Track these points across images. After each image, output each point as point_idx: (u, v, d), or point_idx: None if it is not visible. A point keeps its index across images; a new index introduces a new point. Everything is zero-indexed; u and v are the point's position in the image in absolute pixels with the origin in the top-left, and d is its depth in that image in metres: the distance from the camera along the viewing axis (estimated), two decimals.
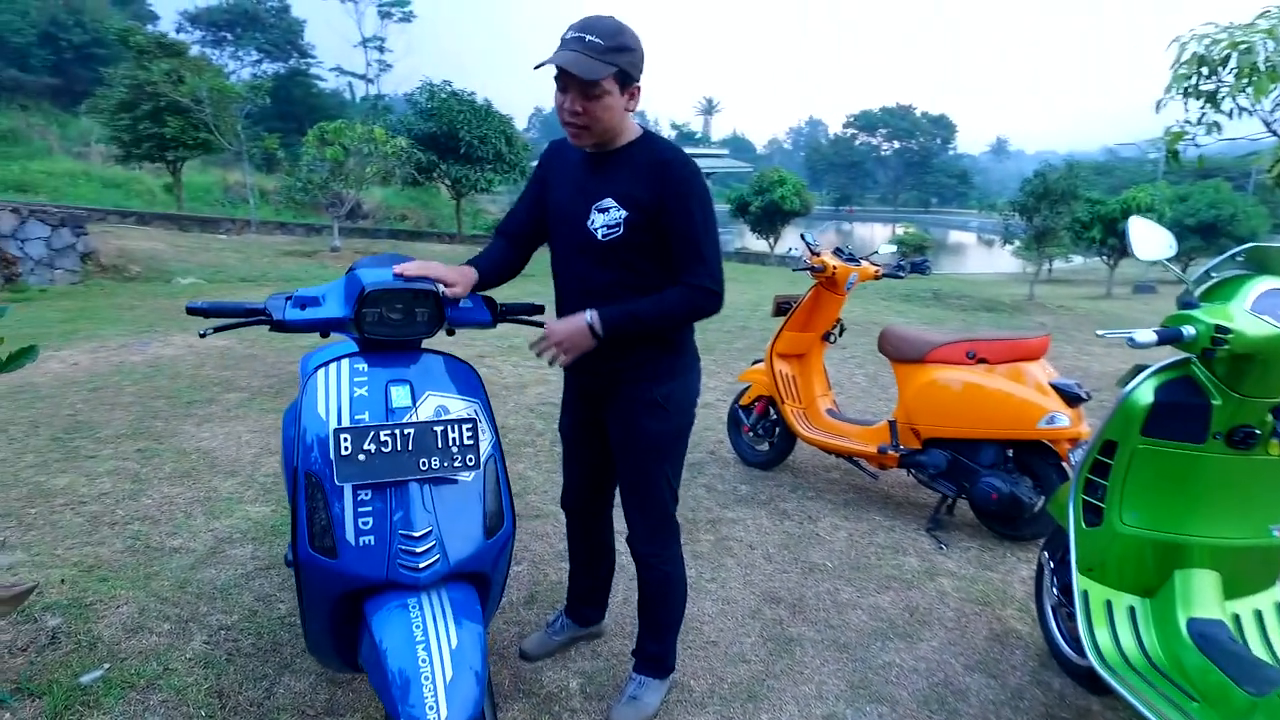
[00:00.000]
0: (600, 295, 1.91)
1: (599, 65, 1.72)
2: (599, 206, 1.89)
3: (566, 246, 1.99)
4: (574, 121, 1.80)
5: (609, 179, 1.89)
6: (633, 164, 1.87)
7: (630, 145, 1.90)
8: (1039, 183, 15.03)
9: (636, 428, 2.03)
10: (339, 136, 13.43)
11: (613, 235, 1.88)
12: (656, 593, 2.19)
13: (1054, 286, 22.91)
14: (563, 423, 2.31)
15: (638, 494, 2.11)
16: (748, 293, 12.64)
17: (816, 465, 4.35)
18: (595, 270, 1.93)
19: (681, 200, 1.85)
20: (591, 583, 2.48)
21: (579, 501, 2.36)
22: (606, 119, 1.80)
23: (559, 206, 2.00)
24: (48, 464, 3.88)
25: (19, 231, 9.24)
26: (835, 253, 3.95)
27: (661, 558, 2.15)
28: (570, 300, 2.00)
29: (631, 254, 1.89)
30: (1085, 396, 3.19)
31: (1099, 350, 8.86)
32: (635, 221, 1.86)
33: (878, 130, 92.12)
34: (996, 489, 3.25)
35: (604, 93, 1.76)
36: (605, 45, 1.73)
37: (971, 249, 52.79)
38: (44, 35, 33.97)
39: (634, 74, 1.80)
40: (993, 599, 2.94)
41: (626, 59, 1.76)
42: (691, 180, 1.86)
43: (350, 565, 1.56)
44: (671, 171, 1.85)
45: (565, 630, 2.50)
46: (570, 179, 1.98)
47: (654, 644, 2.24)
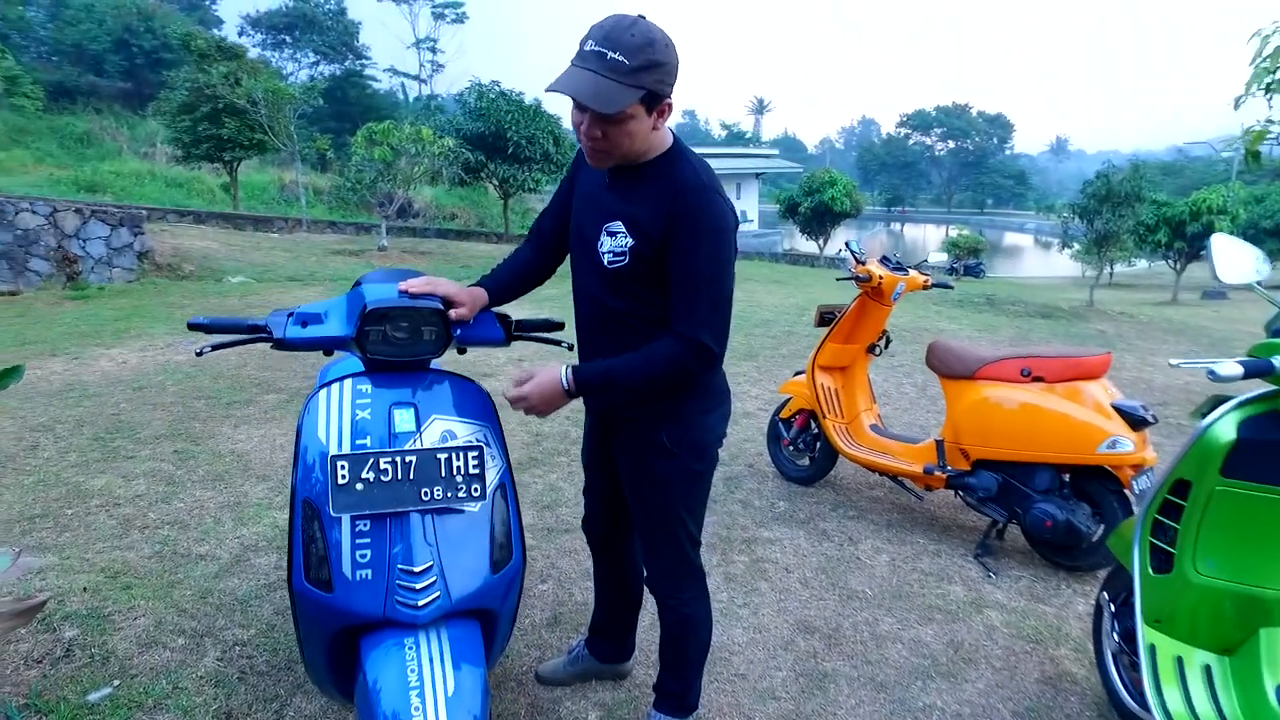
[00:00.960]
0: (612, 323, 1.75)
1: (620, 93, 1.45)
2: (609, 229, 1.68)
3: (580, 267, 1.82)
4: (593, 146, 1.57)
5: (624, 198, 1.67)
6: (651, 184, 1.63)
7: (655, 161, 1.65)
8: (1101, 184, 14.40)
9: (645, 471, 1.85)
10: (387, 137, 13.59)
11: (618, 264, 1.67)
12: (676, 632, 2.02)
13: (1115, 291, 22.05)
14: (583, 448, 2.19)
15: (650, 537, 1.94)
16: (794, 296, 12.41)
17: (859, 482, 4.17)
18: (607, 297, 1.74)
19: (689, 234, 1.58)
20: (611, 615, 2.33)
21: (599, 530, 2.23)
22: (628, 144, 1.56)
23: (577, 224, 1.82)
24: (88, 464, 3.93)
25: (81, 231, 9.53)
26: (882, 261, 3.77)
27: (680, 600, 1.98)
28: (583, 324, 1.86)
29: (639, 286, 1.68)
30: (1151, 419, 2.96)
31: (1163, 361, 8.42)
32: (641, 252, 1.63)
33: (932, 130, 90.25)
34: (1051, 516, 3.04)
35: (627, 118, 1.51)
36: (630, 65, 1.45)
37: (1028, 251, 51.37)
38: (118, 41, 35.44)
39: (664, 91, 1.52)
40: (1045, 637, 2.74)
41: (655, 78, 1.48)
42: (704, 211, 1.58)
43: (346, 600, 1.47)
44: (684, 199, 1.58)
45: (581, 662, 2.37)
46: (591, 191, 1.78)
47: (674, 682, 2.08)
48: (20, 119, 26.69)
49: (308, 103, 17.79)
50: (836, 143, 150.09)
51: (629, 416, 1.83)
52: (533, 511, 3.62)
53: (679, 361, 1.62)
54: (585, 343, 1.88)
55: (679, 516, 1.88)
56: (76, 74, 34.76)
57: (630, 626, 2.36)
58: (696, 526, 1.94)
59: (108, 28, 35.63)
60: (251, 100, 16.46)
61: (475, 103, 19.62)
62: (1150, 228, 18.64)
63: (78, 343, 6.51)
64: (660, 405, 1.77)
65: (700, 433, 1.82)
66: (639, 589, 2.29)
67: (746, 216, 39.81)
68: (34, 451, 4.07)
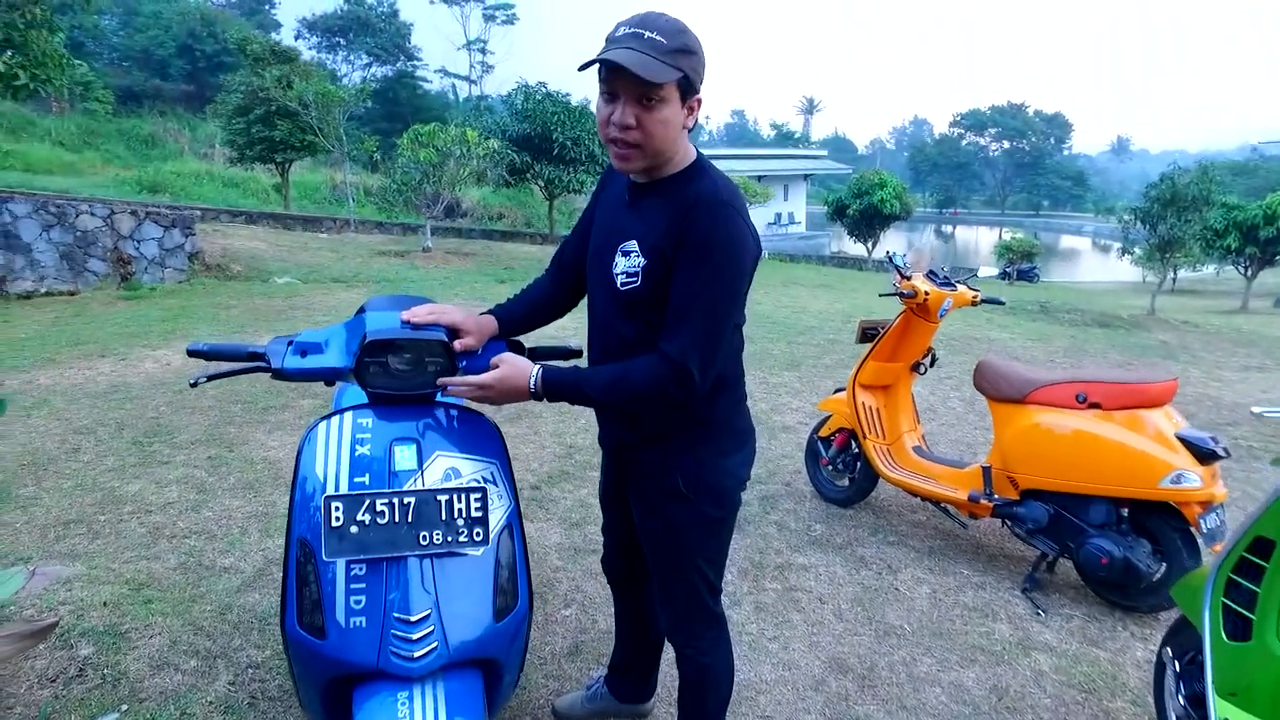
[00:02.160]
0: (625, 352, 1.62)
1: (663, 67, 1.39)
2: (623, 249, 1.58)
3: (595, 292, 1.72)
4: (623, 137, 1.46)
5: (641, 216, 1.57)
6: (668, 200, 1.53)
7: (675, 176, 1.56)
8: (1166, 188, 13.79)
9: (658, 517, 1.72)
10: (432, 139, 13.69)
11: (630, 286, 1.56)
12: (694, 682, 1.89)
13: (1178, 298, 21.17)
14: (600, 485, 2.08)
15: (665, 585, 1.81)
16: (840, 302, 12.14)
17: (900, 505, 3.99)
18: (618, 321, 1.63)
19: (697, 249, 1.47)
20: (633, 654, 2.22)
21: (618, 570, 2.13)
22: (661, 135, 1.46)
23: (594, 246, 1.72)
24: (125, 468, 3.97)
25: (136, 232, 9.78)
26: (929, 276, 3.58)
27: (697, 649, 1.84)
28: (596, 354, 1.74)
29: (651, 311, 1.56)
30: (1222, 453, 2.73)
31: (1232, 375, 7.98)
32: (654, 273, 1.53)
33: (986, 130, 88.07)
34: (1107, 553, 2.84)
35: (663, 100, 1.43)
36: (668, 45, 1.40)
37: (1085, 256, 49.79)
38: (182, 46, 36.77)
39: (696, 83, 1.47)
40: (1099, 685, 2.54)
41: (690, 63, 1.44)
42: (718, 227, 1.48)
43: (338, 649, 1.39)
44: (698, 213, 1.47)
45: (600, 700, 2.26)
46: (610, 211, 1.69)
47: None
48: (92, 122, 27.81)
49: (357, 104, 18.08)
50: (887, 143, 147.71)
51: (642, 458, 1.72)
52: (560, 529, 3.53)
53: (657, 382, 1.51)
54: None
55: (695, 565, 1.75)
56: (143, 78, 36.12)
57: (652, 665, 2.25)
58: (716, 574, 1.81)
59: (173, 33, 36.98)
60: (303, 103, 16.77)
61: (522, 104, 19.70)
62: (1219, 232, 17.81)
63: (126, 343, 6.65)
64: (674, 446, 1.66)
65: (718, 477, 1.69)
66: (660, 633, 2.17)
67: (794, 218, 39.39)
68: (75, 454, 4.13)
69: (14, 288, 8.71)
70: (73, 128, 26.64)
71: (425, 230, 15.27)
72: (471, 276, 12.64)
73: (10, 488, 3.67)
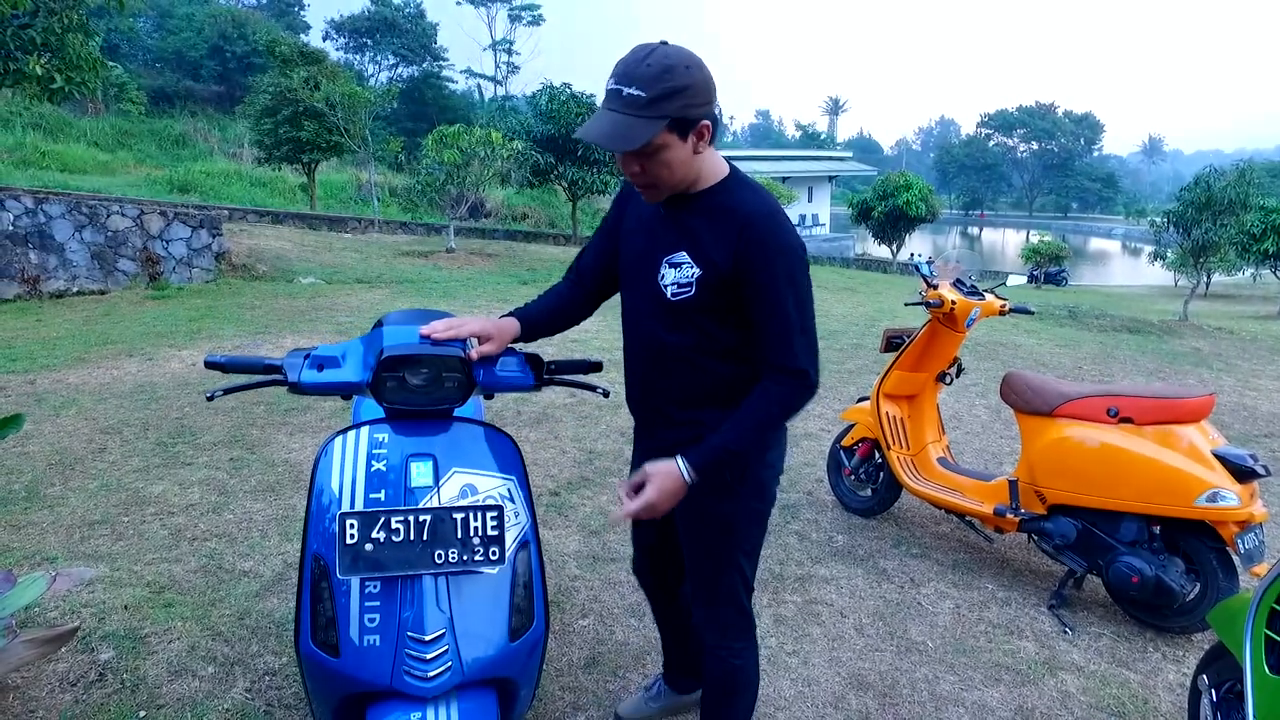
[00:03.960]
0: (672, 359, 1.66)
1: (641, 126, 1.42)
2: (670, 260, 1.61)
3: (635, 303, 1.73)
4: (637, 181, 1.55)
5: (685, 229, 1.60)
6: (713, 213, 1.57)
7: (711, 191, 1.59)
8: (1200, 190, 13.45)
9: (704, 510, 1.75)
10: (456, 140, 13.75)
11: (683, 295, 1.59)
12: (722, 686, 1.91)
13: (1212, 303, 20.72)
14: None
15: (705, 583, 1.84)
16: (865, 305, 12.00)
17: (924, 516, 3.92)
18: (665, 333, 1.65)
19: (767, 272, 1.52)
20: (681, 649, 2.26)
21: (651, 579, 2.15)
22: (668, 174, 1.51)
23: (630, 256, 1.74)
24: (149, 469, 4.01)
25: (165, 233, 9.92)
26: (955, 285, 3.52)
27: (731, 649, 1.87)
28: (638, 362, 1.76)
29: (704, 318, 1.61)
30: (1262, 471, 2.65)
31: (1269, 384, 7.78)
32: (709, 281, 1.56)
33: (1014, 131, 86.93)
34: (1138, 571, 2.77)
35: (659, 148, 1.46)
36: (647, 97, 1.41)
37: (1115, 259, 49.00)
38: (213, 48, 37.35)
39: (694, 115, 1.46)
40: (1129, 709, 2.47)
41: (679, 104, 1.43)
42: (779, 243, 1.53)
43: (352, 667, 1.38)
44: (753, 231, 1.52)
45: (662, 697, 2.30)
46: (645, 225, 1.70)
47: None
48: (125, 123, 28.35)
49: (383, 105, 18.23)
50: (913, 144, 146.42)
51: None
52: (579, 537, 3.51)
53: (789, 400, 1.59)
54: (639, 381, 1.79)
55: (736, 561, 1.79)
56: (175, 80, 36.72)
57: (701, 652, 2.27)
58: (752, 570, 1.85)
59: (204, 35, 37.58)
60: (329, 103, 16.93)
61: (546, 105, 19.73)
62: (1256, 236, 17.39)
63: (153, 343, 6.74)
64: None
65: (760, 468, 1.74)
66: None
67: (819, 220, 39.13)
68: (101, 454, 4.19)
69: (47, 287, 8.87)
70: (107, 128, 27.14)
71: (449, 231, 15.36)
72: (495, 277, 12.69)
73: (39, 487, 3.73)
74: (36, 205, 8.94)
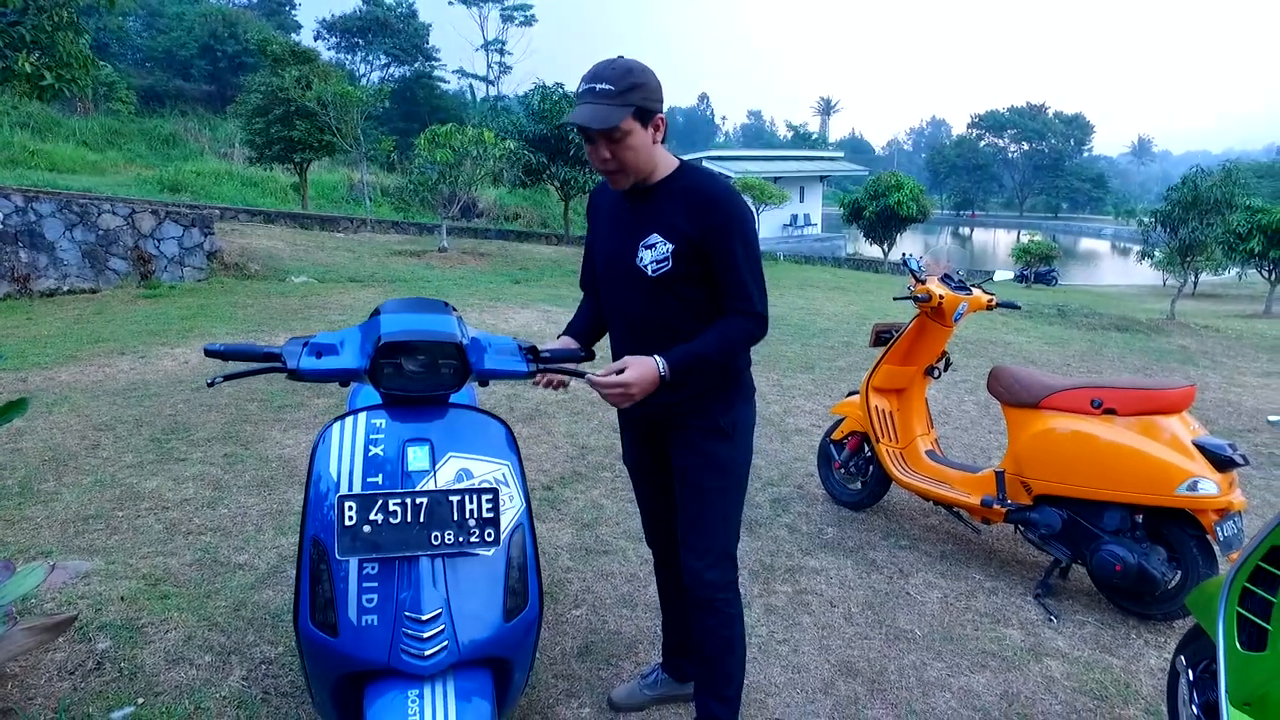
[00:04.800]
0: (659, 329, 1.91)
1: (613, 111, 1.73)
2: (646, 243, 1.88)
3: (618, 285, 1.98)
4: (606, 168, 1.82)
5: (652, 214, 1.89)
6: (673, 196, 1.87)
7: (668, 179, 1.89)
8: (1187, 190, 13.59)
9: (703, 456, 1.98)
10: (449, 140, 13.75)
11: (662, 270, 1.87)
12: (719, 637, 2.03)
13: (1199, 302, 20.92)
14: (626, 457, 2.24)
15: (704, 530, 2.02)
16: (855, 304, 12.07)
17: (913, 508, 3.97)
18: (650, 306, 1.92)
19: (726, 235, 1.84)
20: (685, 630, 2.32)
21: (660, 536, 2.25)
22: (633, 158, 1.81)
23: (606, 248, 2.01)
24: (143, 465, 4.03)
25: (156, 231, 9.91)
26: (944, 279, 3.57)
27: (725, 599, 2.03)
28: (628, 337, 1.99)
29: (682, 285, 1.89)
30: (1240, 461, 2.70)
31: (1253, 381, 7.87)
32: (682, 253, 1.85)
33: (1005, 131, 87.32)
34: (1121, 559, 2.82)
35: (626, 133, 1.76)
36: (616, 89, 1.74)
37: (1105, 259, 49.28)
38: (203, 47, 37.14)
39: (652, 107, 1.80)
40: (1112, 693, 2.53)
41: (640, 96, 1.76)
42: (733, 213, 1.85)
43: (350, 646, 1.41)
44: (716, 209, 1.84)
45: (660, 685, 2.37)
46: (615, 219, 1.99)
47: (715, 703, 2.05)
48: (115, 122, 28.18)
49: (375, 105, 18.19)
50: (905, 144, 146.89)
51: (685, 409, 1.96)
52: (572, 530, 3.55)
53: (749, 332, 1.89)
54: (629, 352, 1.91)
55: (726, 506, 2.02)
56: (166, 79, 36.51)
57: None
58: (738, 522, 2.08)
59: (195, 35, 37.38)
60: (321, 103, 16.90)
61: (538, 104, 19.74)
62: (1242, 236, 17.54)
63: (145, 341, 6.74)
64: (711, 397, 1.96)
65: (747, 417, 2.05)
66: None
67: (810, 220, 39.20)
68: (95, 451, 4.20)
69: (38, 285, 8.85)
70: (97, 128, 26.99)
71: (441, 230, 15.36)
72: (487, 277, 12.70)
73: (32, 483, 3.74)
74: (27, 204, 8.92)
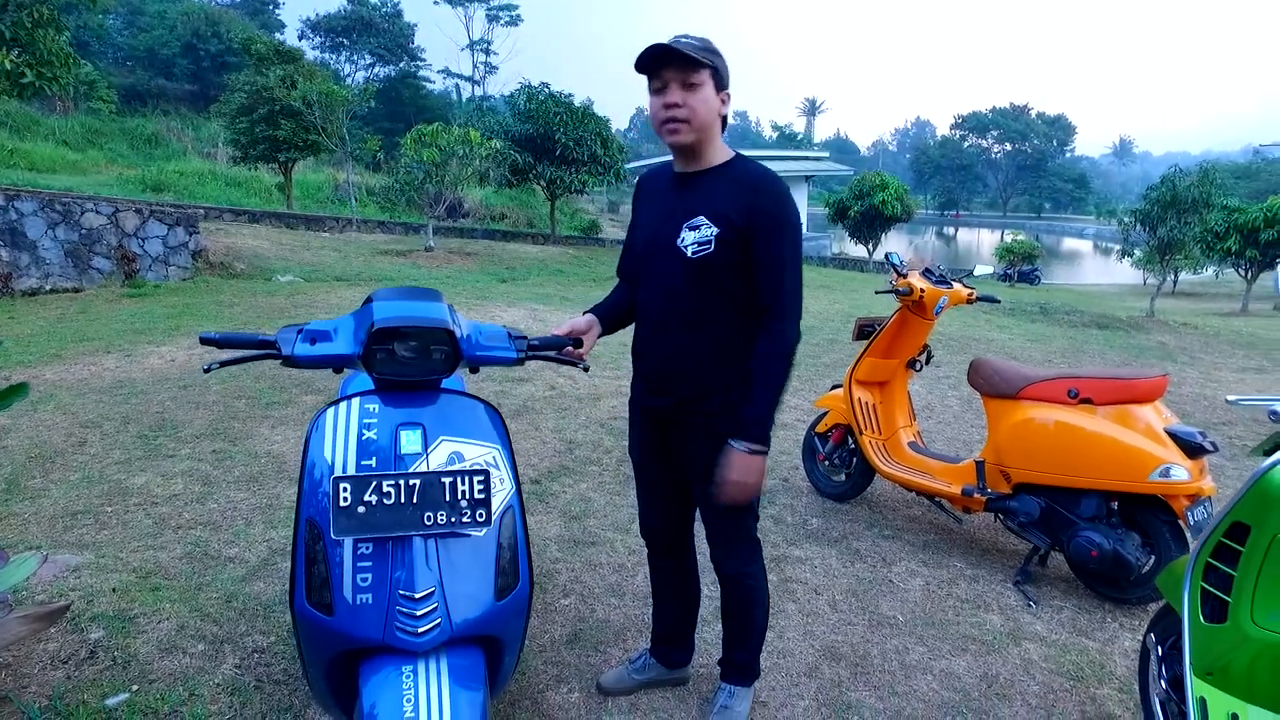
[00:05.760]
0: (693, 314, 1.91)
1: (700, 55, 1.76)
2: (690, 224, 1.88)
3: (655, 265, 1.97)
4: (673, 115, 1.80)
5: (702, 196, 1.88)
6: (725, 183, 1.87)
7: (724, 165, 1.90)
8: (1166, 190, 13.79)
9: (716, 460, 1.95)
10: (435, 139, 13.75)
11: (703, 253, 1.86)
12: (742, 605, 2.19)
13: (1178, 300, 21.22)
14: (632, 448, 2.26)
15: (718, 521, 2.09)
16: (840, 302, 12.17)
17: (896, 500, 4.04)
18: (688, 289, 1.90)
19: (773, 228, 1.83)
20: (677, 618, 2.38)
21: (658, 526, 2.28)
22: (704, 111, 1.80)
23: (649, 226, 2.00)
24: (130, 461, 4.03)
25: (140, 230, 9.85)
26: (925, 273, 3.63)
27: (746, 574, 2.16)
28: (657, 321, 1.99)
29: (720, 273, 1.87)
30: (1209, 448, 2.78)
31: (1229, 376, 8.02)
32: (726, 238, 1.84)
33: (989, 132, 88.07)
34: (1097, 545, 2.89)
35: (701, 84, 1.78)
36: (700, 46, 1.78)
37: (1087, 258, 49.81)
38: (186, 46, 36.84)
39: (725, 78, 1.84)
40: (1087, 674, 2.60)
41: (718, 61, 1.81)
42: (784, 206, 1.85)
43: (345, 624, 1.45)
44: (765, 195, 1.83)
45: (648, 670, 2.41)
46: (661, 201, 1.98)
47: (741, 653, 2.23)
48: (96, 121, 27.90)
49: (361, 105, 18.15)
50: (890, 144, 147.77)
51: (703, 408, 1.97)
52: (560, 522, 3.58)
53: (784, 350, 1.87)
54: (658, 339, 2.00)
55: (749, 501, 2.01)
56: (147, 78, 36.18)
57: (693, 626, 2.44)
58: (758, 503, 2.13)
59: (177, 33, 37.07)
60: (306, 102, 16.84)
61: (524, 104, 19.75)
62: (1219, 235, 17.82)
63: (131, 340, 6.71)
64: (723, 395, 1.94)
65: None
66: (699, 586, 2.41)
67: None
68: (82, 448, 4.19)
69: (20, 284, 8.78)
70: (77, 127, 26.73)
71: (428, 230, 15.34)
72: (474, 276, 12.71)
73: (19, 480, 3.73)
74: (8, 202, 8.84)
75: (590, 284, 12.91)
